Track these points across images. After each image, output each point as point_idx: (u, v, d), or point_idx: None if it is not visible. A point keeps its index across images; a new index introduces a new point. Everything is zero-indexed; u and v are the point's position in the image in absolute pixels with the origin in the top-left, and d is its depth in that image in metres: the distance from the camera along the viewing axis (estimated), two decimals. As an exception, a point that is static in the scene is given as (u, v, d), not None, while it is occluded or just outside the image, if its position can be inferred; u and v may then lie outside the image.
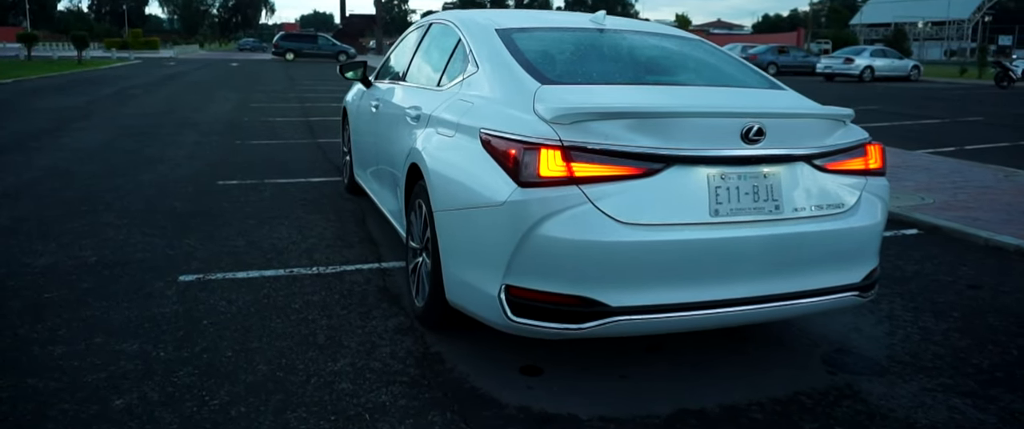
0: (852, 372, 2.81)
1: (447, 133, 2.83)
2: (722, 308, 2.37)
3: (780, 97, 2.83)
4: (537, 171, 2.27)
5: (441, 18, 3.84)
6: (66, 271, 3.70)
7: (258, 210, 5.10)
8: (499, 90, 2.74)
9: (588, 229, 2.23)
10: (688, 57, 3.17)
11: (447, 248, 2.67)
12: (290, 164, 7.02)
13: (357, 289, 3.56)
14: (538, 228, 2.25)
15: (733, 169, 2.38)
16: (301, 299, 3.40)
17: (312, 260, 4.00)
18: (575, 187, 2.26)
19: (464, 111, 2.78)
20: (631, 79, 2.86)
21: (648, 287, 2.28)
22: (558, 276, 2.27)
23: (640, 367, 2.77)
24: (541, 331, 2.33)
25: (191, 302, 3.31)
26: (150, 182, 5.97)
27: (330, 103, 13.90)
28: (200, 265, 3.85)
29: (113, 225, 4.60)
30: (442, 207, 2.69)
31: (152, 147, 7.88)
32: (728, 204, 2.37)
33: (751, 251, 2.37)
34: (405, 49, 4.33)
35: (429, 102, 3.21)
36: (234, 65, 31.44)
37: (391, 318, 3.20)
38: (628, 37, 3.28)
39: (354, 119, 5.09)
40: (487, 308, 2.43)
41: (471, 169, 2.55)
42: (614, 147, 2.27)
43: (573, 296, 2.27)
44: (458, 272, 2.60)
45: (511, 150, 2.35)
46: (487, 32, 3.15)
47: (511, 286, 2.33)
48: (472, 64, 3.04)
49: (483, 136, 2.53)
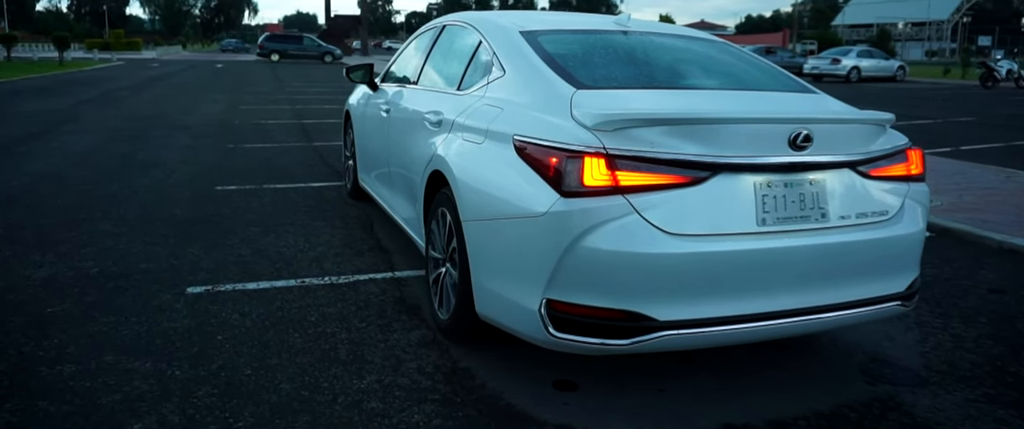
0: (892, 383, 2.74)
1: (474, 140, 2.72)
2: (769, 320, 2.29)
3: (819, 101, 2.76)
4: (581, 180, 2.17)
5: (456, 20, 3.73)
6: (67, 283, 3.55)
7: (261, 217, 4.96)
8: (530, 95, 2.64)
9: (635, 241, 2.14)
10: (717, 60, 3.09)
11: (478, 259, 2.56)
12: (288, 168, 6.87)
13: (373, 300, 3.45)
14: (583, 240, 2.15)
15: (780, 177, 2.30)
16: (317, 311, 3.28)
17: (323, 269, 3.88)
18: (620, 197, 2.17)
19: (493, 117, 2.68)
20: (666, 83, 2.77)
21: (696, 300, 2.20)
22: (603, 290, 2.17)
23: (677, 380, 2.68)
24: (584, 347, 2.24)
25: (202, 316, 3.18)
26: (146, 188, 5.80)
27: (322, 105, 13.72)
28: (207, 276, 3.71)
29: (112, 234, 4.44)
30: (472, 217, 2.59)
31: (144, 151, 7.69)
32: (775, 213, 2.29)
33: (798, 261, 2.29)
34: (415, 52, 4.21)
35: (451, 107, 3.10)
36: (219, 66, 31.06)
37: (413, 331, 3.09)
38: (655, 39, 3.19)
39: (359, 123, 4.97)
40: (525, 323, 2.33)
41: (504, 178, 2.45)
42: (660, 155, 2.18)
43: (619, 310, 2.18)
44: (490, 285, 2.50)
45: (551, 158, 2.25)
46: (511, 34, 3.04)
47: (553, 300, 2.23)
48: (497, 68, 2.94)
49: (517, 143, 2.43)
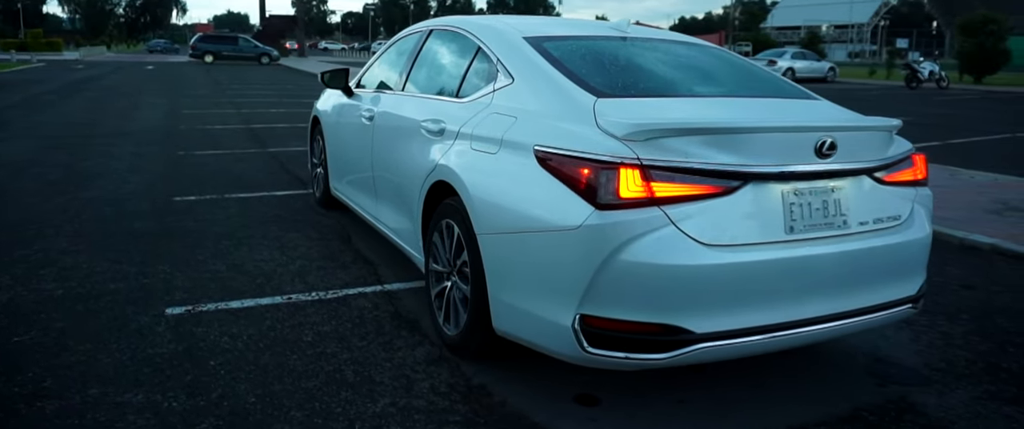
0: (900, 383, 2.79)
1: (487, 149, 2.63)
2: (800, 328, 2.29)
3: (831, 108, 2.79)
4: (616, 192, 2.12)
5: (445, 25, 3.62)
6: (30, 308, 3.27)
7: (229, 229, 4.71)
8: (545, 103, 2.57)
9: (673, 253, 2.10)
10: (720, 66, 3.10)
11: (496, 274, 2.47)
12: (246, 176, 6.58)
13: (368, 316, 3.31)
14: (620, 253, 2.10)
15: (806, 185, 2.31)
16: (311, 330, 3.12)
17: (307, 284, 3.70)
18: (656, 208, 2.13)
19: (507, 126, 2.59)
20: (681, 91, 2.75)
21: (731, 311, 2.17)
22: (640, 303, 2.12)
23: (696, 391, 2.66)
24: (620, 362, 2.18)
25: (189, 339, 2.98)
26: (97, 200, 5.44)
27: (269, 109, 13.27)
28: (185, 295, 3.49)
29: (70, 251, 4.13)
30: (488, 230, 2.50)
31: (87, 160, 7.23)
32: (802, 221, 2.30)
33: (825, 268, 2.30)
34: (398, 57, 4.08)
35: (453, 115, 2.99)
36: (150, 68, 29.70)
37: (417, 347, 2.97)
38: (657, 46, 3.17)
39: (332, 130, 4.78)
40: (555, 339, 2.26)
41: (526, 189, 2.37)
42: (693, 165, 2.15)
43: (656, 324, 2.13)
44: (511, 299, 2.41)
45: (582, 169, 2.19)
46: (515, 41, 2.97)
47: (587, 316, 2.17)
48: (503, 75, 2.86)
49: (540, 153, 2.36)
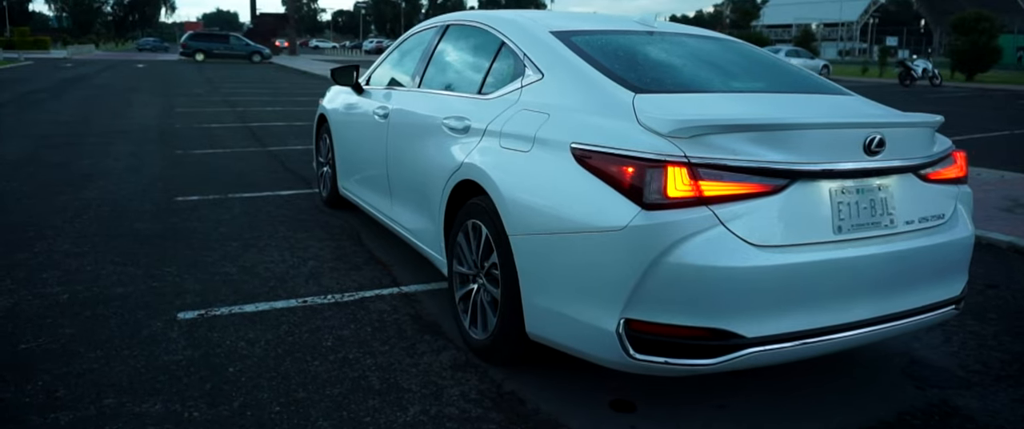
0: (939, 386, 2.72)
1: (518, 148, 2.54)
2: (848, 331, 2.21)
3: (871, 104, 2.71)
4: (664, 191, 2.03)
5: (464, 20, 3.52)
6: (36, 313, 3.14)
7: (236, 230, 4.59)
8: (580, 99, 2.47)
9: (723, 254, 2.02)
10: (753, 61, 3.01)
11: (530, 276, 2.38)
12: (248, 176, 6.45)
13: (387, 319, 3.20)
14: (668, 255, 2.01)
15: (853, 183, 2.23)
16: (330, 334, 3.01)
17: (322, 287, 3.59)
18: (705, 208, 2.04)
19: (539, 123, 2.50)
20: (719, 86, 2.66)
21: (781, 314, 2.09)
22: (689, 307, 2.04)
23: (735, 396, 2.58)
24: (667, 368, 2.10)
25: (204, 345, 2.87)
26: (97, 201, 5.30)
27: (265, 108, 13.11)
28: (196, 299, 3.37)
29: (73, 254, 4.00)
30: (521, 231, 2.40)
31: (83, 159, 7.08)
32: (850, 220, 2.22)
33: (872, 269, 2.22)
34: (412, 53, 3.97)
35: (477, 112, 2.90)
36: (140, 66, 29.38)
37: (442, 352, 2.87)
38: (686, 40, 3.09)
39: (341, 128, 4.67)
40: (597, 344, 2.17)
41: (563, 189, 2.28)
42: (741, 162, 2.07)
43: (705, 328, 2.05)
44: (548, 303, 2.32)
45: (626, 167, 2.10)
46: (542, 35, 2.87)
47: (633, 320, 2.08)
48: (532, 70, 2.76)
49: (578, 152, 2.26)
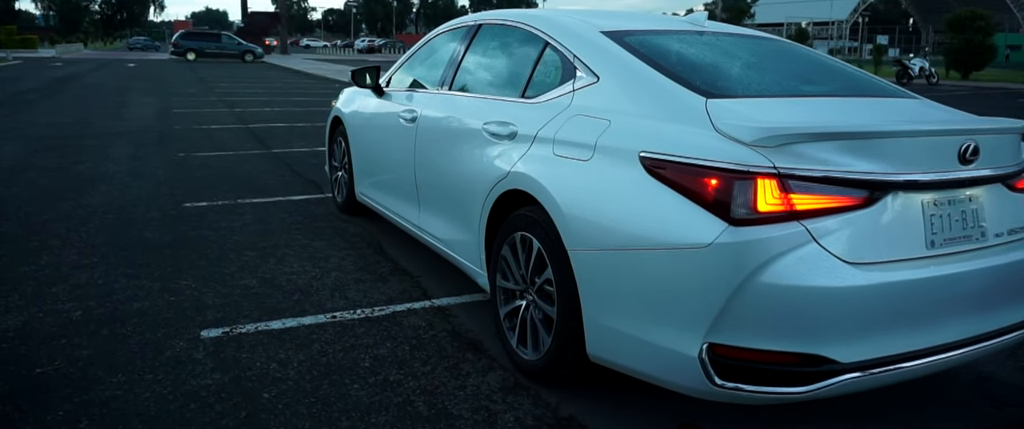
0: (1017, 405, 2.58)
1: (576, 156, 2.37)
2: (942, 353, 2.05)
3: (943, 108, 2.56)
4: (753, 205, 1.87)
5: (500, 19, 3.34)
6: (49, 333, 2.95)
7: (250, 239, 4.40)
8: (644, 104, 2.31)
9: (818, 273, 1.86)
10: (813, 63, 2.85)
11: (594, 295, 2.22)
12: (256, 179, 6.25)
13: (424, 336, 3.03)
14: (759, 275, 1.85)
15: (944, 194, 2.08)
16: (367, 354, 2.83)
17: (349, 301, 3.41)
18: (797, 223, 1.88)
19: (599, 130, 2.33)
20: (790, 90, 2.50)
21: (877, 337, 1.93)
22: (780, 331, 1.88)
23: (806, 420, 2.42)
24: (754, 397, 1.93)
25: (233, 367, 2.68)
26: (102, 207, 5.09)
27: (263, 108, 12.88)
28: (218, 315, 3.18)
29: (82, 265, 3.80)
30: (584, 246, 2.23)
31: (82, 163, 6.85)
32: (942, 234, 2.06)
33: (967, 286, 2.07)
34: (440, 54, 3.79)
35: (523, 117, 2.72)
36: (131, 66, 28.98)
37: (488, 373, 2.70)
38: (740, 41, 2.93)
39: (359, 131, 4.48)
40: (675, 370, 2.00)
41: (632, 201, 2.11)
42: (833, 173, 1.91)
43: (797, 354, 1.89)
44: (616, 324, 2.15)
45: (709, 179, 1.93)
46: (592, 36, 2.70)
47: (717, 345, 1.92)
48: (585, 73, 2.59)
49: (650, 161, 2.10)
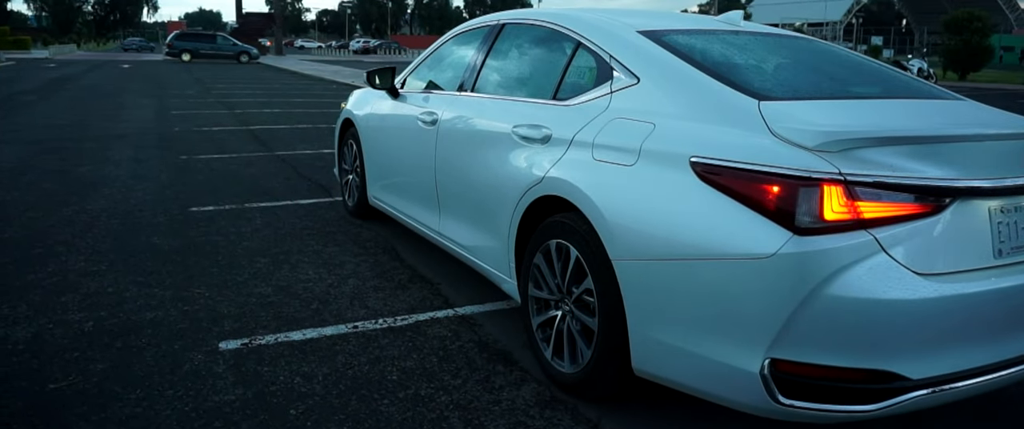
0: None
1: (618, 160, 2.27)
2: (1010, 367, 1.96)
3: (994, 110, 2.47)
4: (820, 213, 1.77)
5: (526, 19, 3.24)
6: (61, 345, 2.83)
7: (261, 244, 4.28)
8: (692, 107, 2.21)
9: (888, 285, 1.76)
10: (854, 63, 2.76)
11: (640, 307, 2.11)
12: (261, 183, 6.13)
13: (451, 347, 2.92)
14: (827, 287, 1.75)
15: (1010, 200, 1.98)
16: (393, 366, 2.73)
17: (370, 309, 3.30)
18: (864, 232, 1.78)
19: (643, 133, 2.23)
20: (840, 92, 2.41)
21: (947, 351, 1.84)
22: (847, 346, 1.78)
23: None
24: (820, 416, 1.83)
25: (256, 381, 2.57)
26: (106, 212, 4.96)
27: (263, 110, 12.74)
28: (235, 325, 3.07)
29: (90, 273, 3.67)
30: (630, 255, 2.13)
31: (83, 166, 6.71)
32: (1009, 242, 1.97)
33: None
34: (460, 55, 3.69)
35: (558, 120, 2.62)
36: (126, 67, 28.76)
37: (521, 386, 2.59)
38: (779, 40, 2.83)
39: (373, 133, 4.37)
40: (733, 387, 1.90)
41: (683, 208, 2.01)
42: (900, 180, 1.81)
43: (866, 370, 1.79)
44: (666, 338, 2.05)
45: (770, 186, 1.84)
46: (628, 36, 2.60)
47: (780, 361, 1.82)
48: (622, 74, 2.49)
49: (703, 167, 2.00)
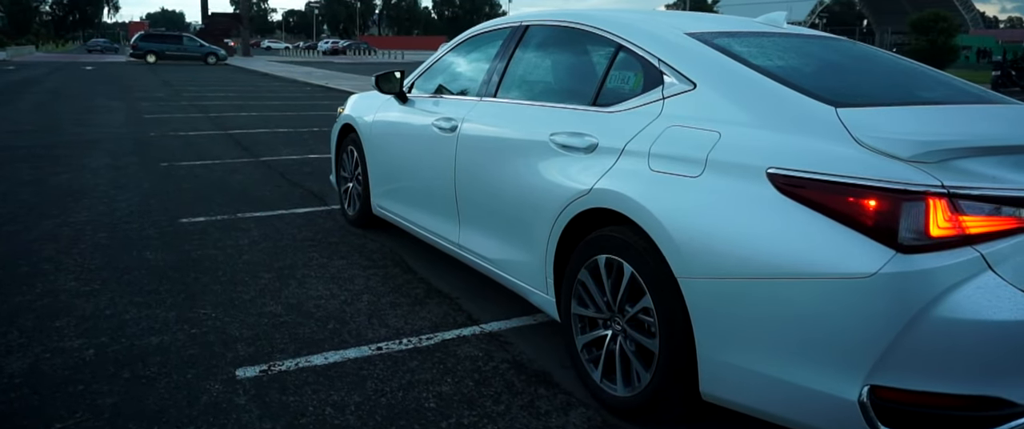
0: None
1: (680, 171, 2.13)
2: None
3: None
4: (925, 229, 1.65)
5: (553, 20, 3.08)
6: (61, 377, 2.59)
7: (262, 258, 4.06)
8: (759, 114, 2.08)
9: (998, 306, 1.65)
10: (907, 68, 2.66)
11: (713, 328, 1.98)
12: (251, 191, 5.87)
13: (485, 369, 2.75)
14: (934, 309, 1.63)
15: (1101, 211, 1.89)
16: (429, 392, 2.55)
17: (391, 329, 3.11)
18: (971, 249, 1.67)
19: (708, 142, 2.09)
20: (911, 98, 2.31)
21: (1051, 375, 1.74)
22: (953, 371, 1.66)
23: None
24: (922, 447, 1.72)
25: (283, 413, 2.37)
26: (91, 224, 4.67)
27: (240, 113, 12.38)
28: (250, 349, 2.86)
29: (83, 293, 3.42)
30: (700, 273, 2.00)
31: (59, 174, 6.37)
32: (1100, 256, 1.88)
33: None
34: (478, 58, 3.52)
35: (603, 127, 2.47)
36: (89, 69, 27.89)
37: (570, 411, 2.44)
38: (825, 43, 2.73)
39: (378, 140, 4.18)
40: (825, 415, 1.78)
41: (764, 223, 1.88)
42: (1005, 192, 1.71)
43: (972, 396, 1.68)
44: (742, 362, 1.92)
45: (867, 200, 1.71)
46: (677, 38, 2.47)
47: (880, 387, 1.70)
48: (675, 78, 2.35)
49: (784, 179, 1.87)
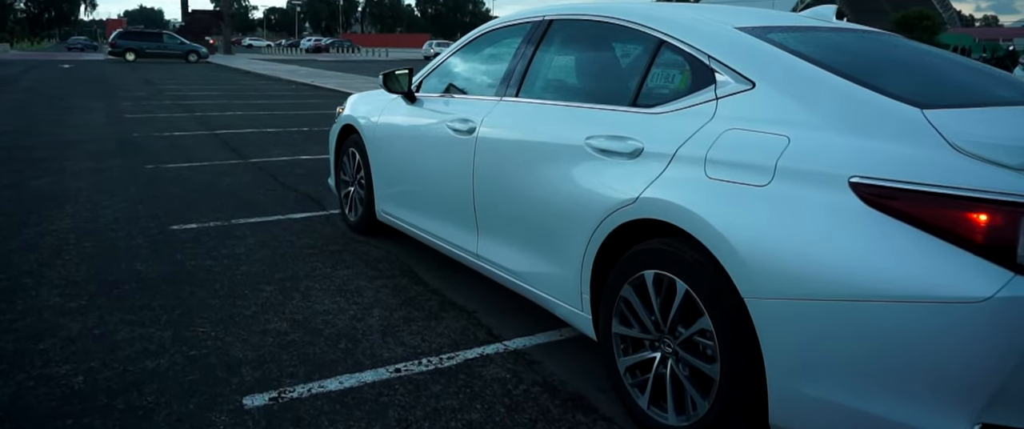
0: None
1: (745, 179, 1.92)
2: None
3: None
4: (1048, 250, 1.47)
5: (583, 13, 2.87)
6: (48, 409, 2.33)
7: (262, 269, 3.81)
8: (834, 117, 1.88)
9: (1124, 335, 1.47)
10: (964, 64, 2.49)
11: (785, 354, 1.78)
12: (243, 195, 5.60)
13: (515, 392, 2.54)
14: (1058, 339, 1.45)
15: None
16: (457, 421, 2.33)
17: (408, 348, 2.89)
18: (1092, 270, 1.49)
19: (776, 147, 1.89)
20: (992, 98, 2.11)
21: None
22: (1075, 410, 1.48)
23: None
24: (1038, 493, 1.53)
25: (299, 449, 2.14)
26: (75, 233, 4.39)
27: (225, 112, 12.04)
28: (256, 373, 2.62)
29: (69, 311, 3.15)
30: (772, 293, 1.80)
31: (39, 178, 6.05)
32: None
33: None
34: (495, 54, 3.30)
35: (648, 130, 2.27)
36: (67, 67, 27.24)
37: (614, 442, 2.24)
38: (880, 39, 2.55)
39: (384, 142, 3.95)
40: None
41: (849, 239, 1.68)
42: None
43: (1094, 437, 1.50)
44: (824, 394, 1.72)
45: (977, 214, 1.52)
46: (728, 33, 2.26)
47: (995, 426, 1.51)
48: (729, 77, 2.15)
49: (869, 188, 1.67)
